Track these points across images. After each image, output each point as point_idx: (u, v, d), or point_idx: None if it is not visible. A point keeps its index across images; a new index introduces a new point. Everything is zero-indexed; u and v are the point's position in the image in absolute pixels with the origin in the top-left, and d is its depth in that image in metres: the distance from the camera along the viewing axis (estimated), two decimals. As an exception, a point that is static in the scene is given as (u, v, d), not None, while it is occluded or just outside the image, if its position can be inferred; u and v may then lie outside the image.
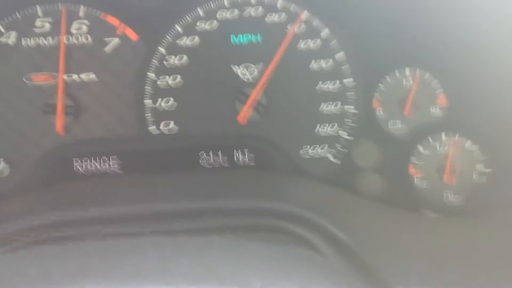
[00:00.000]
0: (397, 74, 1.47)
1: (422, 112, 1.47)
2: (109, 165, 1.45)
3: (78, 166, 1.44)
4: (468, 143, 1.46)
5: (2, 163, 1.43)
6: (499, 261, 1.07)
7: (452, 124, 1.47)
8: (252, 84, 1.45)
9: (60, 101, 1.42)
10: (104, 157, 1.45)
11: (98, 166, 1.45)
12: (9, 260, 0.85)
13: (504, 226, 1.24)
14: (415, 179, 1.47)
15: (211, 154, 1.46)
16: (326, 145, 1.48)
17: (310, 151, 1.48)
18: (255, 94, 1.44)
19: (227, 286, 0.73)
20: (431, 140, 1.46)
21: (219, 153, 1.46)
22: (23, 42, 1.42)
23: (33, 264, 0.78)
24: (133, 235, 1.04)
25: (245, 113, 1.45)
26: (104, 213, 1.15)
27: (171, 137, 1.47)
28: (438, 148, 1.46)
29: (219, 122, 1.47)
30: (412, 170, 1.47)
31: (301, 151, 1.48)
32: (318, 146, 1.48)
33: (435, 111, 1.48)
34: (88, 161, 1.44)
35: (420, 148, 1.46)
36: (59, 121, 1.42)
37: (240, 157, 1.47)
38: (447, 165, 1.45)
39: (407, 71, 1.47)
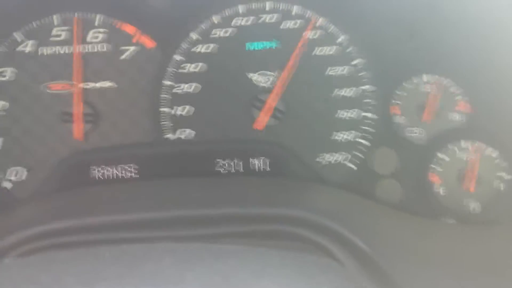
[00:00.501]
0: (415, 80, 1.46)
1: (441, 118, 1.45)
2: (126, 171, 1.45)
3: (95, 173, 1.44)
4: (488, 150, 1.43)
5: (20, 169, 1.44)
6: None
7: (472, 131, 1.44)
8: (268, 90, 1.45)
9: (78, 109, 1.43)
10: (122, 165, 1.45)
11: (115, 173, 1.45)
12: (22, 265, 0.85)
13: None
14: (434, 186, 1.44)
15: (227, 160, 1.45)
16: (344, 152, 1.47)
17: (327, 158, 1.47)
18: (271, 101, 1.44)
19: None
20: (450, 147, 1.44)
21: (235, 159, 1.46)
22: (41, 51, 1.44)
23: (45, 270, 0.78)
24: (148, 241, 1.04)
25: (262, 119, 1.44)
26: (119, 219, 1.15)
27: (188, 144, 1.46)
28: (458, 155, 1.44)
29: (236, 128, 1.46)
30: (431, 177, 1.44)
31: (317, 158, 1.47)
32: (335, 153, 1.47)
33: (455, 117, 1.46)
34: (105, 168, 1.45)
35: (440, 154, 1.44)
36: (78, 129, 1.43)
37: (257, 163, 1.46)
38: (467, 172, 1.42)
39: (425, 77, 1.46)
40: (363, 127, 1.47)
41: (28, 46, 1.43)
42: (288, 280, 0.79)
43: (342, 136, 1.47)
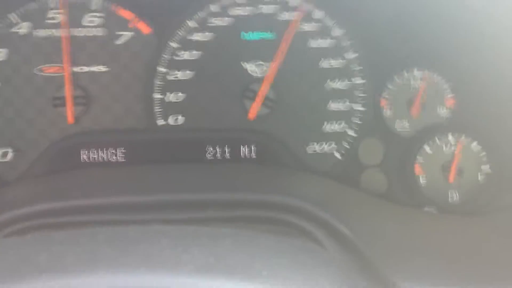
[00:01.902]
0: (406, 74, 1.48)
1: (430, 112, 1.48)
2: (116, 156, 1.46)
3: (85, 157, 1.45)
4: (474, 144, 1.46)
5: (7, 150, 1.44)
6: (500, 260, 1.08)
7: (459, 125, 1.48)
8: (260, 80, 1.46)
9: (68, 92, 1.43)
10: (111, 149, 1.45)
11: (105, 157, 1.45)
12: (18, 246, 0.86)
13: (506, 226, 1.25)
14: (420, 178, 1.48)
15: (217, 148, 1.47)
16: (333, 143, 1.49)
17: (316, 147, 1.49)
18: (263, 90, 1.45)
19: (236, 275, 0.74)
20: (437, 140, 1.47)
21: (226, 147, 1.47)
22: (35, 33, 1.43)
23: (42, 250, 0.79)
24: (139, 223, 1.06)
25: (254, 109, 1.46)
26: (111, 201, 1.17)
27: (179, 130, 1.48)
28: (444, 148, 1.47)
29: (227, 116, 1.48)
30: (417, 169, 1.47)
31: (307, 148, 1.49)
32: (324, 143, 1.49)
33: (443, 112, 1.49)
34: (96, 151, 1.45)
35: (427, 147, 1.47)
36: (69, 112, 1.43)
37: (247, 151, 1.48)
38: (453, 165, 1.46)
39: (416, 72, 1.48)
40: (353, 119, 1.49)
41: (22, 28, 1.43)
42: (278, 263, 0.82)
43: (332, 126, 1.49)
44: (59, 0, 1.44)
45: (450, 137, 1.47)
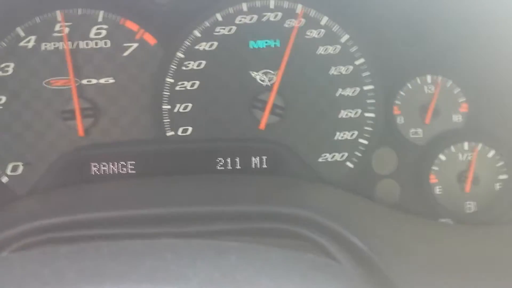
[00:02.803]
0: (419, 81, 1.46)
1: (444, 120, 1.45)
2: (126, 168, 1.45)
3: (95, 170, 1.44)
4: (491, 153, 1.43)
5: (17, 164, 1.44)
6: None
7: (475, 133, 1.44)
8: (268, 88, 1.44)
9: (76, 105, 1.42)
10: (122, 161, 1.45)
11: (115, 170, 1.45)
12: (23, 259, 0.85)
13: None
14: (435, 188, 1.44)
15: (228, 159, 1.45)
16: (345, 152, 1.47)
17: (328, 157, 1.47)
18: (271, 98, 1.43)
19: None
20: (453, 149, 1.44)
21: (237, 158, 1.46)
22: (43, 46, 1.43)
23: (46, 264, 0.78)
24: (147, 237, 1.04)
25: (265, 118, 1.44)
26: (118, 215, 1.16)
27: (189, 141, 1.46)
28: (460, 157, 1.44)
29: (237, 126, 1.46)
30: (432, 179, 1.44)
31: (319, 157, 1.47)
32: (336, 152, 1.47)
33: (458, 119, 1.46)
34: (106, 164, 1.44)
35: (442, 156, 1.44)
36: (79, 124, 1.42)
37: (258, 162, 1.46)
38: (469, 174, 1.42)
39: (429, 78, 1.45)
40: (365, 127, 1.47)
41: (30, 42, 1.43)
42: (287, 278, 0.79)
43: (343, 135, 1.47)
44: (66, 13, 1.43)
45: (466, 145, 1.43)
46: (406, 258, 1.06)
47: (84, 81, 1.45)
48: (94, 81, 1.45)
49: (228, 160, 1.46)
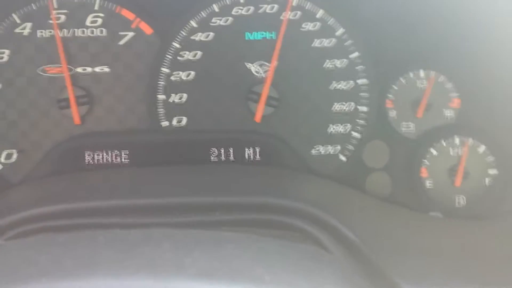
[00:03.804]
0: (412, 75, 1.47)
1: (436, 114, 1.47)
2: (120, 157, 1.45)
3: (89, 159, 1.45)
4: (481, 148, 1.45)
5: (11, 151, 1.44)
6: (506, 263, 1.08)
7: (466, 128, 1.46)
8: (263, 81, 1.45)
9: (70, 93, 1.42)
10: (117, 151, 1.45)
11: (109, 159, 1.45)
12: (20, 248, 0.85)
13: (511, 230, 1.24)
14: (426, 182, 1.46)
15: (222, 150, 1.46)
16: (338, 145, 1.48)
17: (321, 149, 1.48)
18: (266, 90, 1.44)
19: (239, 280, 0.73)
20: (444, 143, 1.46)
21: (230, 149, 1.46)
22: (38, 33, 1.43)
23: (43, 252, 0.78)
24: (143, 226, 1.05)
25: (260, 111, 1.44)
26: (113, 204, 1.16)
27: (183, 132, 1.47)
28: (451, 151, 1.46)
29: (232, 118, 1.47)
30: (423, 173, 1.46)
31: (312, 150, 1.48)
32: (329, 145, 1.48)
33: (449, 114, 1.47)
34: (100, 154, 1.45)
35: (433, 151, 1.46)
36: (75, 112, 1.42)
37: (251, 154, 1.47)
38: (460, 169, 1.44)
39: (422, 73, 1.47)
40: (358, 120, 1.48)
41: (26, 29, 1.42)
42: (282, 267, 0.80)
43: (337, 128, 1.48)
44: (62, 0, 1.43)
45: (457, 140, 1.45)
46: (396, 249, 1.08)
47: (79, 69, 1.44)
48: (89, 69, 1.45)
49: (222, 151, 1.46)
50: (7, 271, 0.74)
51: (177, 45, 1.45)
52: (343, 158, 1.49)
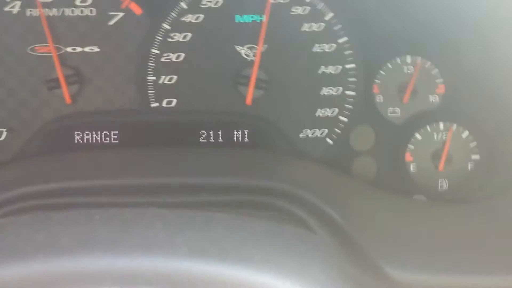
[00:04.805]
0: (399, 61, 1.49)
1: (421, 100, 1.49)
2: (110, 138, 1.46)
3: (78, 138, 1.45)
4: (465, 133, 1.48)
5: (2, 130, 1.44)
6: (487, 246, 1.11)
7: (451, 114, 1.49)
8: (252, 64, 1.45)
9: (59, 73, 1.41)
10: (106, 131, 1.45)
11: (99, 139, 1.45)
12: (15, 225, 0.86)
13: (493, 213, 1.28)
14: (410, 166, 1.49)
15: (211, 132, 1.47)
16: (325, 128, 1.50)
17: (309, 133, 1.50)
18: (254, 73, 1.44)
19: (229, 259, 0.75)
20: (428, 128, 1.48)
21: (219, 131, 1.47)
22: (28, 12, 1.42)
23: (40, 230, 0.79)
24: (134, 205, 1.06)
25: (250, 93, 1.45)
26: (104, 184, 1.17)
27: (172, 113, 1.47)
28: (435, 136, 1.48)
29: (221, 100, 1.48)
30: (408, 157, 1.49)
31: (300, 134, 1.50)
32: (318, 130, 1.50)
33: (434, 100, 1.50)
34: (89, 133, 1.45)
35: (418, 135, 1.49)
36: (65, 92, 1.42)
37: (240, 136, 1.48)
38: (443, 153, 1.47)
39: (409, 59, 1.49)
40: (345, 105, 1.50)
41: (15, 7, 1.41)
42: (271, 247, 0.83)
43: (325, 112, 1.50)
44: None
45: (441, 125, 1.48)
46: (380, 232, 1.11)
47: (69, 49, 1.44)
48: (79, 49, 1.44)
49: (211, 133, 1.48)
50: (3, 248, 0.75)
51: (167, 26, 1.45)
52: (330, 141, 1.51)
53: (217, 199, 1.17)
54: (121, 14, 1.44)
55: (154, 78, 1.46)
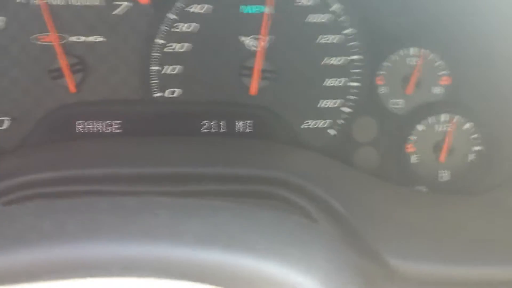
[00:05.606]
0: (403, 53, 1.49)
1: (424, 91, 1.50)
2: (112, 127, 1.46)
3: (80, 128, 1.46)
4: (467, 125, 1.48)
5: (4, 118, 1.44)
6: (488, 238, 1.11)
7: (453, 106, 1.49)
8: (255, 54, 1.45)
9: (62, 62, 1.42)
10: (108, 121, 1.46)
11: (101, 129, 1.46)
12: (19, 213, 0.87)
13: (493, 205, 1.29)
14: (412, 157, 1.50)
15: (214, 122, 1.48)
16: (329, 120, 1.50)
17: (311, 124, 1.51)
18: (258, 64, 1.44)
19: (234, 246, 0.76)
20: (431, 120, 1.49)
21: (222, 121, 1.48)
22: (32, 0, 1.41)
23: (46, 218, 0.80)
24: (136, 194, 1.07)
25: (254, 84, 1.46)
26: (106, 172, 1.18)
27: (175, 103, 1.48)
28: (437, 127, 1.49)
29: (225, 90, 1.48)
30: (409, 148, 1.49)
31: (303, 125, 1.50)
32: (320, 120, 1.50)
33: (437, 91, 1.50)
34: (91, 123, 1.46)
35: (420, 126, 1.49)
36: (69, 81, 1.42)
37: (242, 126, 1.49)
38: (445, 145, 1.48)
39: (412, 51, 1.49)
40: (348, 96, 1.50)
41: None
42: (276, 235, 0.83)
43: (328, 103, 1.50)
44: None
45: (443, 117, 1.49)
46: (382, 222, 1.12)
47: (74, 38, 1.44)
48: (83, 38, 1.44)
49: (213, 123, 1.48)
50: (8, 236, 0.75)
51: (173, 16, 1.45)
52: (332, 132, 1.51)
53: (220, 188, 1.18)
54: (126, 4, 1.44)
55: (157, 68, 1.46)
